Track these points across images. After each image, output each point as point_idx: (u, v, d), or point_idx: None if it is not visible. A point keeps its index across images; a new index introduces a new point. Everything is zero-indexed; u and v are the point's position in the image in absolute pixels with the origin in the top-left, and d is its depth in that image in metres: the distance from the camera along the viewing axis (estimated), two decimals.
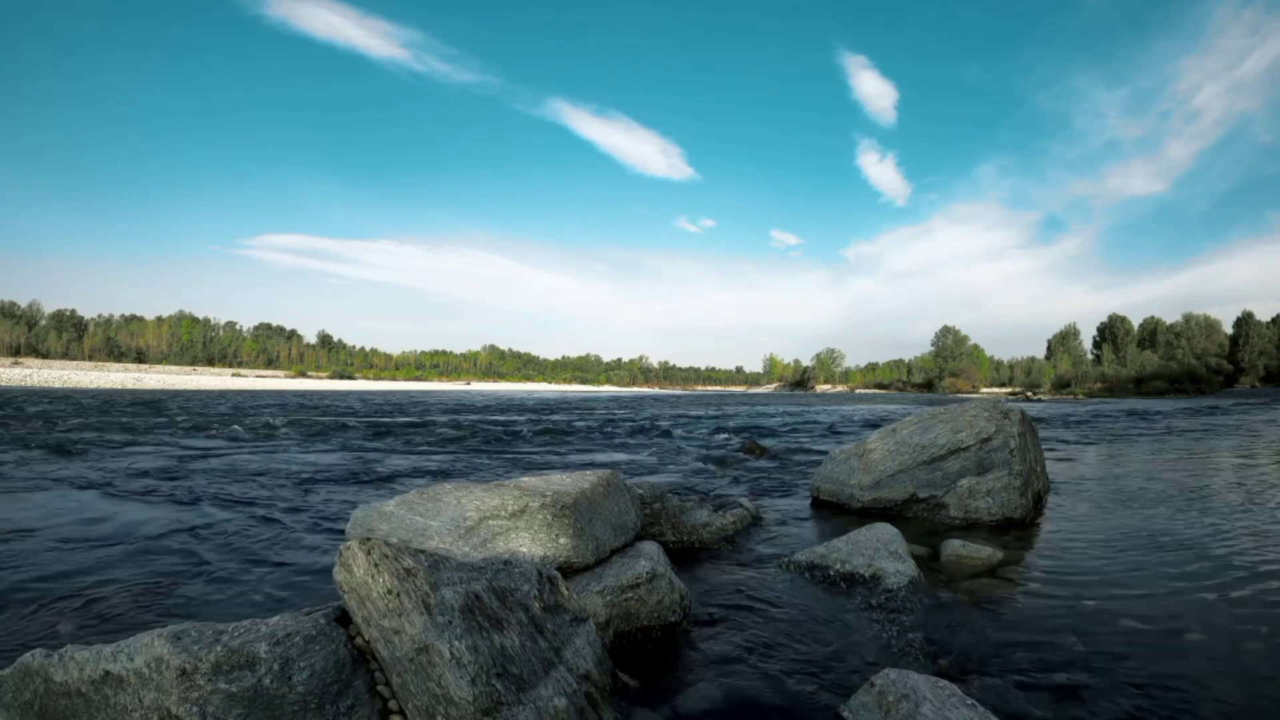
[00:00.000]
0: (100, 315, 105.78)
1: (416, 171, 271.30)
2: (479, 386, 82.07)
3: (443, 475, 5.26)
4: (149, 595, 2.29)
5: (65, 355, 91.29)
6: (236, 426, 9.56)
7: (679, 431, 10.34)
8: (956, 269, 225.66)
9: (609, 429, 10.72)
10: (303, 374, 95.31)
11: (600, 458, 6.77)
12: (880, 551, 2.57)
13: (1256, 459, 6.40)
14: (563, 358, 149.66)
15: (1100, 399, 45.25)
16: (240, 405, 16.81)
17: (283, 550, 2.88)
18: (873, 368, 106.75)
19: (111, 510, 3.58)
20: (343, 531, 3.03)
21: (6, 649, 1.84)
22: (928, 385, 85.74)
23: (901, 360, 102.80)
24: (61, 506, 3.65)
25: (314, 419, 11.87)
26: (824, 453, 6.91)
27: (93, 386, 32.17)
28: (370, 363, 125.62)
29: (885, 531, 2.78)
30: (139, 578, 2.46)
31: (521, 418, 13.41)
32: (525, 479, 2.39)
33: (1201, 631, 2.00)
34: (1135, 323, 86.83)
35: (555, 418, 13.55)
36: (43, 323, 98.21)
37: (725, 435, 9.62)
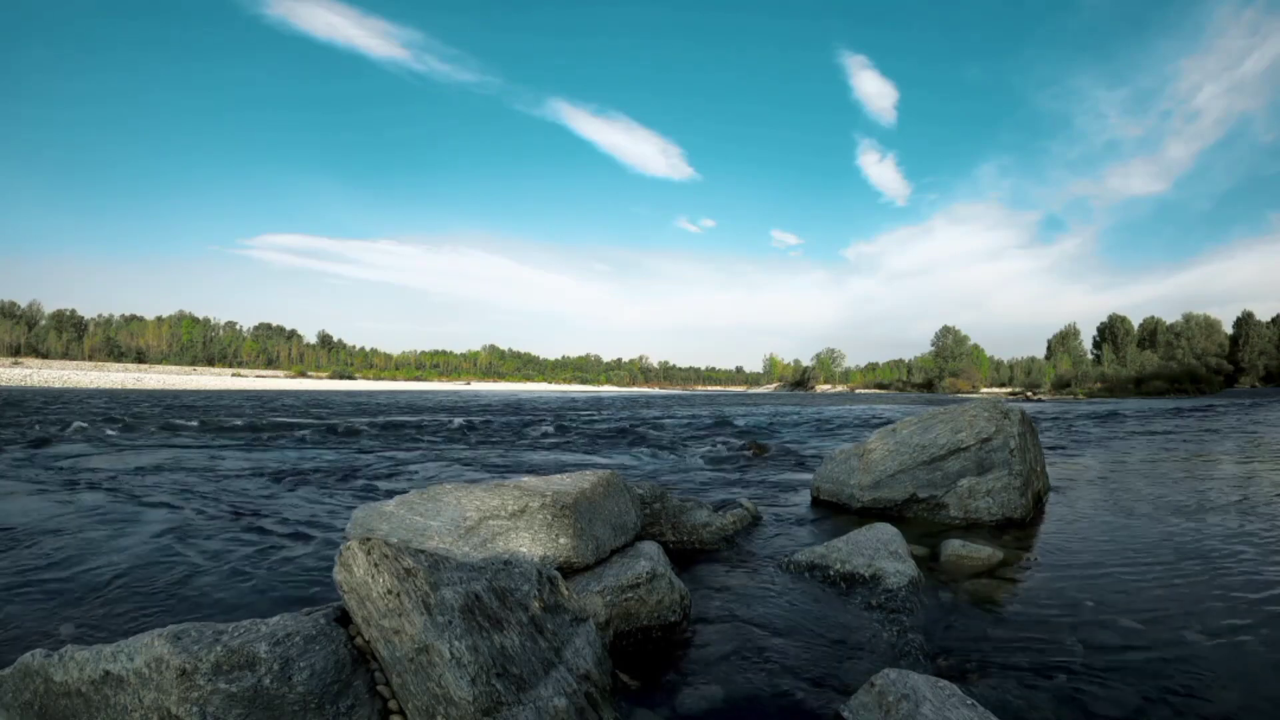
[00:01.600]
0: (100, 315, 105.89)
1: (416, 171, 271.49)
2: (479, 386, 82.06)
3: (442, 475, 5.26)
4: (149, 595, 2.29)
5: (65, 355, 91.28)
6: (236, 424, 9.56)
7: (679, 431, 10.33)
8: (956, 269, 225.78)
9: (609, 429, 10.72)
10: (303, 374, 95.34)
11: (600, 458, 6.76)
12: (880, 551, 2.57)
13: (1256, 461, 6.40)
14: (563, 358, 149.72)
15: (1100, 399, 45.25)
16: (242, 405, 16.81)
17: (282, 550, 2.88)
18: (873, 368, 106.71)
19: (110, 510, 3.58)
20: (342, 531, 3.03)
21: (6, 649, 1.84)
22: (928, 385, 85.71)
23: (901, 360, 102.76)
24: (60, 506, 3.65)
25: (314, 419, 11.87)
26: (824, 453, 6.91)
27: (92, 386, 32.16)
28: (370, 363, 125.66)
29: (885, 531, 2.78)
30: (138, 577, 2.46)
31: (521, 418, 13.41)
32: (525, 479, 2.39)
33: (1201, 632, 2.00)
34: (1135, 323, 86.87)
35: (555, 417, 13.55)
36: (43, 323, 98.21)
37: (725, 435, 9.62)
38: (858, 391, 79.55)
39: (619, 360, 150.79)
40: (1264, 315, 78.80)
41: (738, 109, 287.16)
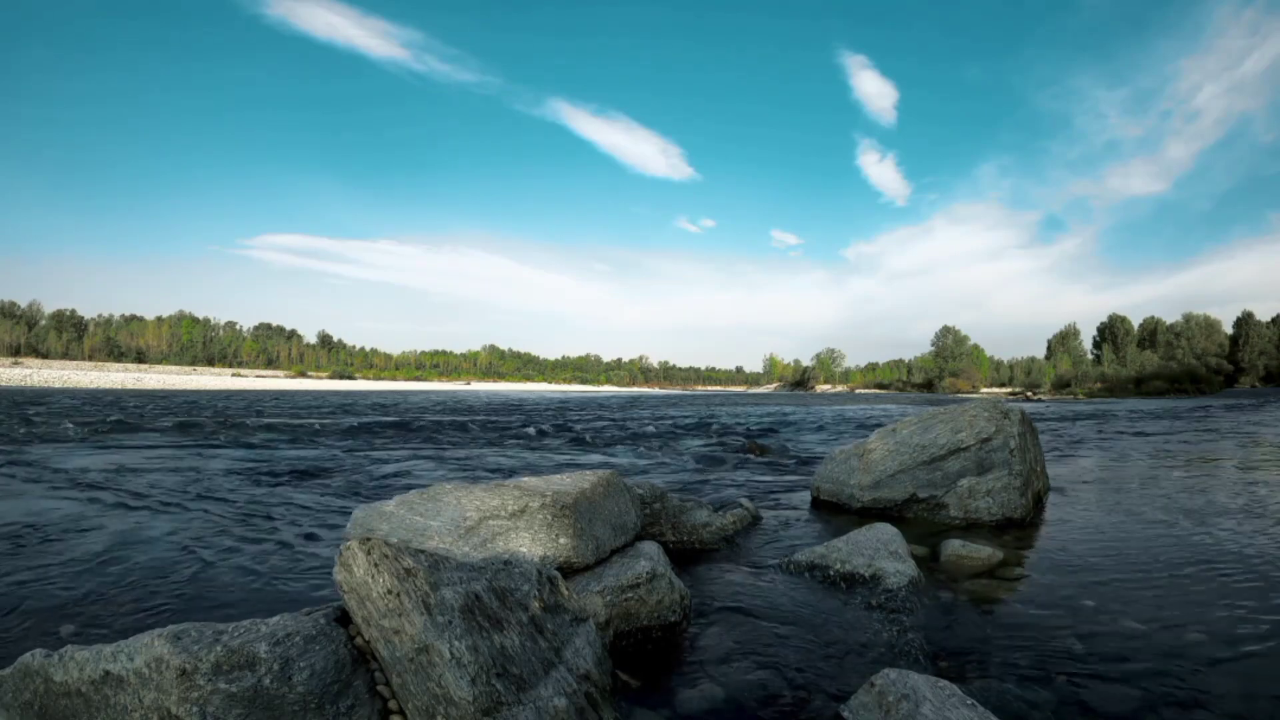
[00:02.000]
0: (100, 315, 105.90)
1: (416, 171, 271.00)
2: (479, 386, 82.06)
3: (441, 475, 5.26)
4: (148, 595, 2.29)
5: (65, 355, 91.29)
6: (234, 427, 9.56)
7: (678, 431, 10.33)
8: (956, 269, 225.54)
9: (609, 429, 10.72)
10: (303, 374, 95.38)
11: (600, 458, 6.76)
12: (880, 551, 2.57)
13: (1255, 461, 6.40)
14: (563, 358, 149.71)
15: (1100, 399, 45.26)
16: (241, 405, 16.81)
17: (281, 550, 2.88)
18: (873, 368, 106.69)
19: (108, 510, 3.58)
20: (342, 531, 3.03)
21: (6, 649, 1.84)
22: (928, 385, 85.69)
23: (901, 360, 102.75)
24: (60, 507, 3.65)
25: (313, 419, 11.87)
26: (824, 453, 6.91)
27: (92, 386, 32.17)
28: (370, 363, 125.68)
29: (885, 531, 2.78)
30: (137, 577, 2.46)
31: (521, 417, 13.41)
32: (525, 479, 2.39)
33: (1202, 632, 2.00)
34: (1135, 323, 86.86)
35: (555, 418, 13.55)
36: (43, 323, 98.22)
37: (725, 435, 9.61)
38: (858, 391, 79.50)
39: (619, 360, 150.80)
40: (1264, 315, 78.85)
41: (738, 109, 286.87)
